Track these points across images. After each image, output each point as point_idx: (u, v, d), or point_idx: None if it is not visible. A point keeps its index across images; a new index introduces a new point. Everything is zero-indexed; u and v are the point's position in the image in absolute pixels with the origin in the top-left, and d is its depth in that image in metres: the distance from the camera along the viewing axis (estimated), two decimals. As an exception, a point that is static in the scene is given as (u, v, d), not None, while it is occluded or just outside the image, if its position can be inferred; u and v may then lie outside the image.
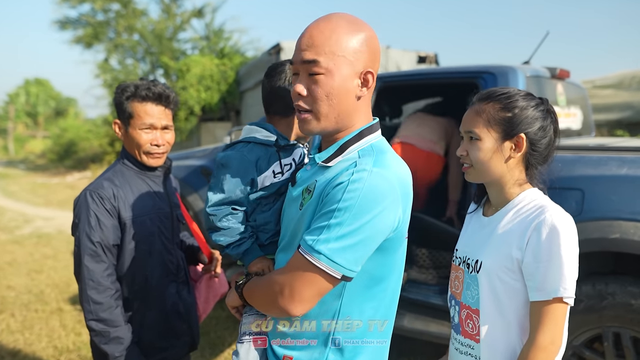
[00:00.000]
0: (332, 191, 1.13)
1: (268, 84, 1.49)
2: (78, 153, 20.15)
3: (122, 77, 15.73)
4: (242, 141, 1.45)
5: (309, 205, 1.20)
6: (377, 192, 1.11)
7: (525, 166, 1.39)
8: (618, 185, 2.23)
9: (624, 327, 2.21)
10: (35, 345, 3.74)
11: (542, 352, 1.24)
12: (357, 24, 1.18)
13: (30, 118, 42.55)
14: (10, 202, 11.38)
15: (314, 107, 1.18)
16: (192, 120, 12.92)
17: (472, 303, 1.40)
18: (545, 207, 1.31)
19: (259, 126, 1.48)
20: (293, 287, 1.14)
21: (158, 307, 1.89)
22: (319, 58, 1.14)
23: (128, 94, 1.81)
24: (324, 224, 1.11)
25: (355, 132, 1.23)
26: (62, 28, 17.46)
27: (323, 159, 1.24)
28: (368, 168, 1.13)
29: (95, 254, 1.73)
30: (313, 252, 1.10)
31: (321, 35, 1.15)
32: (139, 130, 1.82)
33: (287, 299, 1.15)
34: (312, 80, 1.17)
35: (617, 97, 7.49)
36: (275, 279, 1.20)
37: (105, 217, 1.75)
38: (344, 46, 1.14)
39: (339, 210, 1.09)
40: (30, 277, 5.44)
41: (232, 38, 16.04)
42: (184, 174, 4.30)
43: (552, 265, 1.24)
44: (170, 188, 2.02)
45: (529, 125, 1.35)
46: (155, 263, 1.87)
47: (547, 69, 3.15)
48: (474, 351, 1.40)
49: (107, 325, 1.72)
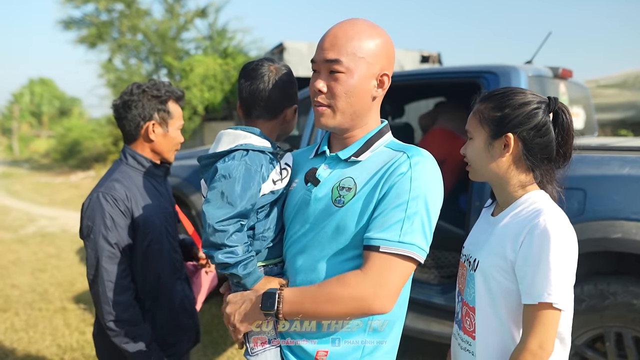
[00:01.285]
0: (396, 183, 1.19)
1: (249, 86, 1.40)
2: (82, 153, 20.20)
3: (125, 77, 15.76)
4: (238, 149, 1.33)
5: (356, 201, 1.23)
6: (437, 177, 1.23)
7: (528, 167, 1.38)
8: (620, 185, 2.23)
9: (626, 327, 2.21)
10: (39, 344, 3.76)
11: (531, 356, 1.23)
12: (377, 30, 1.27)
13: (34, 118, 42.70)
14: (14, 201, 11.43)
15: (332, 102, 1.25)
16: (195, 120, 12.95)
17: (469, 300, 1.41)
18: (541, 211, 1.29)
19: (246, 131, 1.38)
20: (389, 284, 1.16)
21: (168, 305, 1.93)
22: (341, 58, 1.22)
23: (168, 94, 1.88)
24: (401, 217, 1.16)
25: (376, 130, 1.32)
26: (66, 28, 17.51)
27: (348, 155, 1.30)
28: (421, 156, 1.23)
29: (113, 255, 1.74)
30: (403, 245, 1.15)
31: (345, 36, 1.23)
32: (176, 129, 1.93)
33: (385, 298, 1.16)
34: (333, 78, 1.24)
35: (621, 97, 7.46)
36: (357, 282, 1.16)
37: (120, 218, 1.77)
38: (364, 49, 1.22)
39: (413, 200, 1.17)
40: (34, 276, 5.47)
41: (235, 38, 16.06)
42: (187, 173, 4.32)
43: (540, 270, 1.23)
44: (169, 187, 2.08)
45: (520, 125, 1.32)
46: (165, 262, 1.91)
47: (549, 68, 3.14)
48: (471, 347, 1.41)
49: (128, 324, 1.74)
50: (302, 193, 1.33)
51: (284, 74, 1.42)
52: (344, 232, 1.23)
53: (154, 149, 1.93)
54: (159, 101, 1.86)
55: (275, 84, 1.39)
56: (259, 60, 1.44)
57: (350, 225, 1.22)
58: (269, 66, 1.41)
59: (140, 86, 1.88)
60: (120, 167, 1.90)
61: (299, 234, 1.32)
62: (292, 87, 1.45)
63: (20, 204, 11.02)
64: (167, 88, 1.90)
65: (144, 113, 1.86)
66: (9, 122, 37.98)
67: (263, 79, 1.39)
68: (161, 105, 1.87)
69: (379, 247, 1.16)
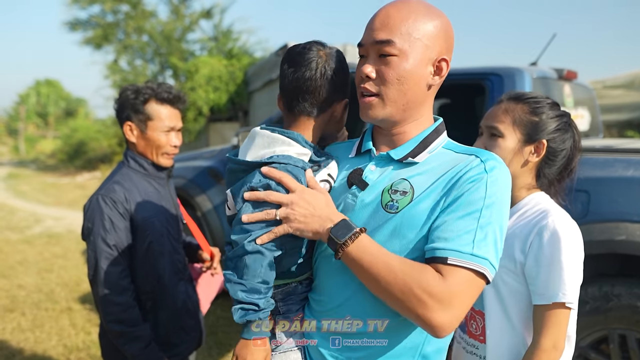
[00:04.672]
0: (469, 189, 1.03)
1: (293, 74, 1.17)
2: (88, 153, 20.28)
3: (131, 77, 15.83)
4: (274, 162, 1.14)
5: (414, 207, 1.07)
6: (510, 186, 1.09)
7: (537, 173, 1.41)
8: (624, 187, 2.23)
9: (630, 329, 2.21)
10: (46, 344, 3.79)
11: (545, 355, 1.26)
12: (435, 10, 1.12)
13: (40, 118, 42.91)
14: (21, 201, 11.49)
15: (382, 90, 1.11)
16: (200, 121, 12.98)
17: (476, 304, 1.42)
18: (548, 212, 1.31)
19: (285, 135, 1.17)
20: (457, 304, 0.98)
21: (170, 306, 1.95)
22: (394, 38, 1.08)
23: (146, 96, 1.85)
24: (473, 227, 1.01)
25: (432, 127, 1.17)
26: (72, 29, 17.58)
27: (403, 154, 1.14)
28: (496, 161, 1.08)
29: (111, 256, 1.76)
30: (476, 258, 0.99)
31: (398, 15, 1.09)
32: (160, 132, 1.88)
33: (450, 318, 0.98)
34: (384, 62, 1.10)
35: (628, 97, 7.42)
36: (435, 279, 0.98)
37: (119, 220, 1.78)
38: (421, 29, 1.08)
39: (486, 208, 1.02)
40: (40, 276, 5.50)
41: (240, 39, 16.08)
42: (192, 174, 4.34)
43: (553, 270, 1.25)
44: (173, 189, 2.10)
45: (552, 134, 1.37)
46: (166, 263, 1.93)
47: (554, 70, 3.14)
48: (478, 351, 1.42)
49: (127, 325, 1.76)
50: (345, 197, 1.17)
51: (335, 60, 1.19)
52: (397, 242, 1.08)
53: (138, 151, 1.93)
54: (136, 102, 1.85)
55: (324, 72, 1.16)
56: (307, 43, 1.21)
57: (407, 234, 1.07)
58: (319, 51, 1.18)
59: (126, 88, 1.89)
60: (122, 169, 1.93)
61: None
62: (344, 76, 1.22)
63: (27, 204, 11.08)
64: (150, 89, 1.85)
65: (123, 115, 1.89)
66: (15, 123, 38.18)
67: (310, 66, 1.16)
68: (138, 107, 1.85)
69: (446, 259, 0.99)
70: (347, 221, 1.07)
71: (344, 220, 1.07)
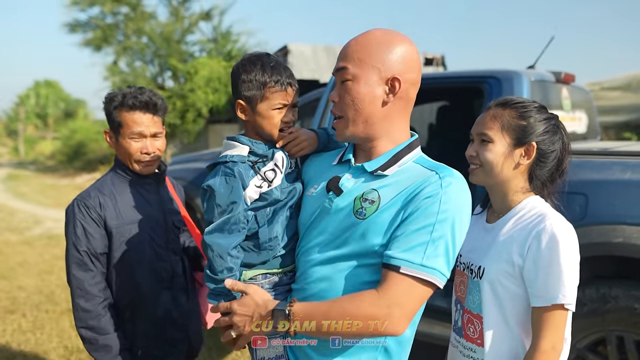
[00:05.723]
0: (422, 204, 1.14)
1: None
2: (87, 154, 20.31)
3: (130, 79, 15.85)
4: (219, 162, 1.34)
5: (379, 216, 1.19)
6: (468, 200, 1.20)
7: (529, 176, 1.43)
8: (621, 189, 2.24)
9: (627, 331, 2.22)
10: (46, 345, 3.81)
11: (544, 357, 1.28)
12: (391, 35, 1.24)
13: (40, 119, 42.94)
14: (20, 203, 11.51)
15: (344, 111, 1.25)
16: (199, 122, 13.00)
17: (473, 308, 1.43)
18: (545, 215, 1.34)
19: (229, 139, 1.40)
20: (404, 306, 1.13)
21: (150, 316, 1.88)
22: (348, 65, 1.22)
23: (116, 104, 1.80)
24: (425, 239, 1.13)
25: (405, 144, 1.28)
26: (71, 31, 17.61)
27: (374, 168, 1.25)
28: (453, 178, 1.18)
29: (81, 262, 1.75)
30: (425, 269, 1.12)
31: (355, 44, 1.23)
32: (128, 139, 1.82)
33: (399, 320, 1.13)
34: (343, 87, 1.24)
35: (625, 99, 7.46)
36: (371, 302, 1.13)
37: (92, 226, 1.77)
38: (372, 53, 1.21)
39: (439, 223, 1.13)
40: (40, 277, 5.51)
41: (239, 40, 16.14)
42: (192, 176, 4.35)
43: (552, 272, 1.27)
44: (165, 195, 1.99)
45: (541, 137, 1.40)
46: (145, 271, 1.85)
47: (551, 73, 3.15)
48: (475, 354, 1.43)
49: (95, 332, 1.74)
50: (323, 201, 1.29)
51: (233, 67, 1.40)
52: (363, 245, 1.20)
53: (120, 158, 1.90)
54: (109, 110, 1.84)
55: (231, 79, 1.40)
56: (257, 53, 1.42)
57: (371, 239, 1.19)
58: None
59: (109, 95, 1.86)
60: (109, 174, 1.92)
61: (314, 243, 1.28)
62: (233, 79, 1.39)
63: (26, 205, 11.10)
64: (120, 96, 1.82)
65: (108, 122, 1.88)
66: (14, 124, 38.21)
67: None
68: (110, 115, 1.84)
69: (399, 268, 1.12)
70: (276, 309, 1.20)
71: (274, 310, 1.20)
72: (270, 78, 1.33)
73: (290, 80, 1.37)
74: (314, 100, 3.84)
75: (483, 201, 1.60)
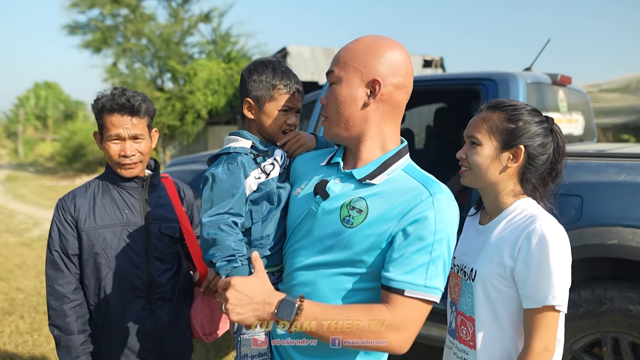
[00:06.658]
0: (419, 227, 1.16)
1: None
2: (87, 156, 20.32)
3: (130, 81, 15.88)
4: (222, 153, 1.40)
5: (366, 227, 1.20)
6: (457, 215, 1.22)
7: (520, 179, 1.43)
8: (616, 191, 2.25)
9: (623, 332, 2.23)
10: (44, 347, 3.81)
11: (537, 358, 1.28)
12: (381, 40, 1.25)
13: (39, 121, 42.95)
14: (19, 204, 11.51)
15: (328, 113, 1.30)
16: (199, 124, 13.01)
17: (466, 310, 1.44)
18: (536, 217, 1.34)
19: (232, 134, 1.47)
20: (410, 328, 1.16)
21: (117, 324, 1.82)
22: (334, 68, 1.28)
23: (99, 106, 1.79)
24: (426, 260, 1.15)
25: (394, 151, 1.28)
26: (71, 33, 17.66)
27: (363, 175, 1.25)
28: (443, 195, 1.19)
29: (53, 262, 1.79)
30: (428, 289, 1.15)
31: (344, 50, 1.28)
32: (107, 141, 1.78)
33: (406, 342, 1.16)
34: (330, 90, 1.29)
35: (623, 101, 7.47)
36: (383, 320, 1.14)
37: (66, 227, 1.79)
38: (357, 57, 1.24)
39: (437, 242, 1.16)
40: (39, 279, 5.51)
41: (238, 42, 16.17)
42: (190, 178, 4.36)
43: (542, 274, 1.28)
44: (156, 200, 1.91)
45: (530, 140, 1.39)
46: (115, 277, 1.80)
47: (548, 75, 3.16)
48: (468, 356, 1.43)
49: (60, 331, 1.75)
50: (310, 204, 1.30)
51: (244, 69, 1.49)
52: (348, 254, 1.21)
53: None
54: (95, 113, 1.82)
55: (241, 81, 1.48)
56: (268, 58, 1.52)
57: (357, 248, 1.20)
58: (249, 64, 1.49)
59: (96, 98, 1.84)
60: (100, 176, 1.91)
61: (300, 244, 1.30)
62: (243, 79, 1.48)
63: (26, 207, 11.10)
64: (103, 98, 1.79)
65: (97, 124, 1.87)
66: (14, 126, 38.23)
67: None
68: (96, 117, 1.82)
69: (403, 291, 1.14)
70: (286, 299, 1.13)
71: (283, 300, 1.13)
72: (280, 81, 1.43)
73: (297, 87, 1.46)
74: (310, 103, 3.85)
75: (477, 203, 1.61)
